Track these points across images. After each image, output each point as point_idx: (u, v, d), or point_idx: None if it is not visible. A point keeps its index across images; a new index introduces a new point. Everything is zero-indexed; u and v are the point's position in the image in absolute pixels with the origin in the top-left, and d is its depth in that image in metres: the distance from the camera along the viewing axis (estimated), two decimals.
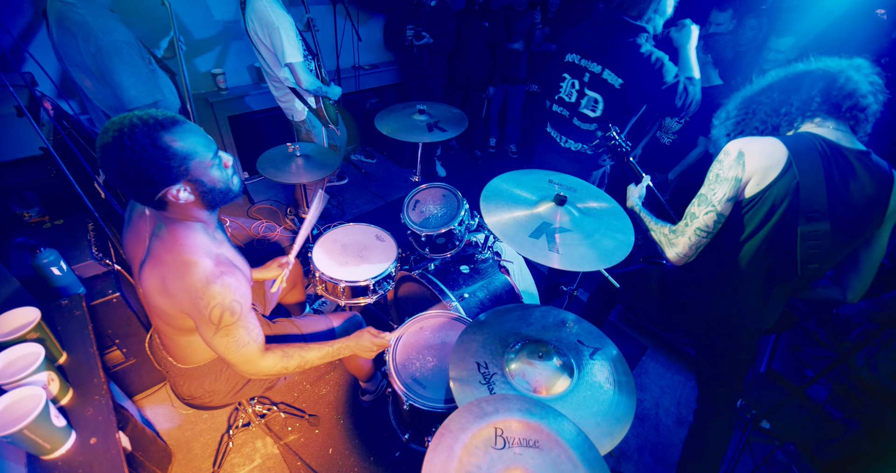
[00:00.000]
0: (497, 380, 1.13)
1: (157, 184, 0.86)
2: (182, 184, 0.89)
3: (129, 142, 0.81)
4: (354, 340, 1.28)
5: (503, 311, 1.35)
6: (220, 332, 0.98)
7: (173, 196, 0.89)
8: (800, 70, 1.13)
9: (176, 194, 0.89)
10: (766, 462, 1.88)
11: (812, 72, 1.10)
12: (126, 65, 1.45)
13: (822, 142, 1.04)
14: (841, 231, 1.04)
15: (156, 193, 0.88)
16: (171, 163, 0.85)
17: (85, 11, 1.43)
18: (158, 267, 0.93)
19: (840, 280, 1.21)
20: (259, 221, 3.08)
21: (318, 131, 2.68)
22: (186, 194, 0.90)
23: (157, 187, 0.87)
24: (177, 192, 0.89)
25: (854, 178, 1.02)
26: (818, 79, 1.08)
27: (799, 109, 1.11)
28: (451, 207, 1.94)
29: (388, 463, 1.75)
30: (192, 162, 0.89)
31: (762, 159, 1.05)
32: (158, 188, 0.87)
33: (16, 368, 1.03)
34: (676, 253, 1.24)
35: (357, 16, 3.50)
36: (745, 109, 1.20)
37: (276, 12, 2.12)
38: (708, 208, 1.14)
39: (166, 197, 0.89)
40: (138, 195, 0.89)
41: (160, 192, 0.88)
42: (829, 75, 1.07)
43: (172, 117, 0.88)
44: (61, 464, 1.00)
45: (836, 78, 1.06)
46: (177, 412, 1.86)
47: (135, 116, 0.84)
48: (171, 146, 0.85)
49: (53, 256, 1.44)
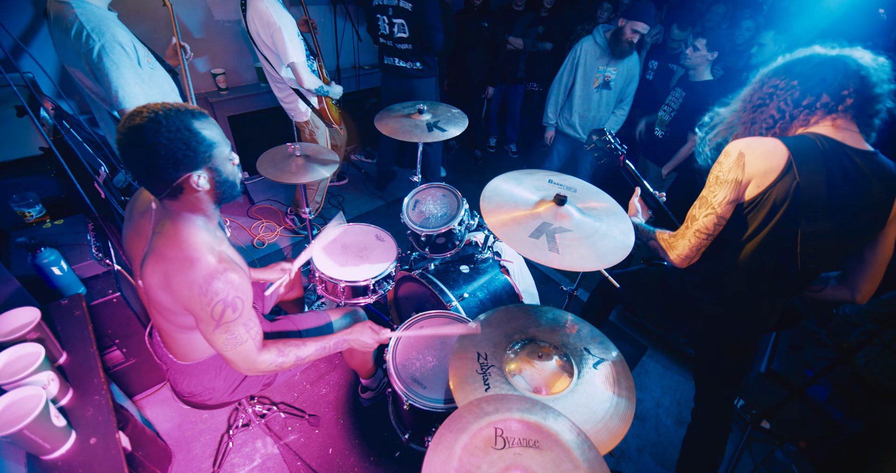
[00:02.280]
0: (493, 373, 1.14)
1: (183, 167, 0.90)
2: (203, 170, 0.93)
3: (165, 123, 0.86)
4: (355, 335, 1.28)
5: (516, 309, 1.36)
6: (221, 328, 0.99)
7: (194, 182, 0.92)
8: (829, 57, 1.03)
9: (196, 180, 0.92)
10: (765, 462, 1.88)
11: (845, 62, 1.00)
12: (119, 65, 1.44)
13: (826, 141, 1.02)
14: (842, 231, 1.04)
15: (178, 177, 0.90)
16: (200, 147, 0.91)
17: (80, 11, 1.42)
18: (161, 263, 0.94)
19: (848, 282, 1.20)
20: (259, 221, 3.08)
21: (322, 132, 2.68)
22: (205, 181, 0.94)
23: (182, 170, 0.90)
24: (197, 178, 0.92)
25: (858, 178, 1.01)
26: (851, 74, 0.99)
27: (825, 106, 1.03)
28: (451, 207, 1.94)
29: (388, 463, 1.75)
30: (215, 150, 0.94)
31: (762, 161, 1.04)
32: (182, 172, 0.90)
33: (16, 368, 1.03)
34: (677, 255, 1.23)
35: (357, 16, 3.51)
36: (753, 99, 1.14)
37: (277, 12, 2.12)
38: (708, 211, 1.13)
39: (186, 183, 0.92)
40: (159, 178, 0.90)
41: (182, 176, 0.90)
42: (863, 71, 0.99)
43: (200, 109, 0.94)
44: (61, 464, 1.00)
45: (869, 76, 0.99)
46: (177, 412, 1.85)
47: (167, 104, 0.89)
48: (200, 132, 0.91)
49: (54, 256, 1.44)
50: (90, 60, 1.43)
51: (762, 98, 1.12)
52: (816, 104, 1.04)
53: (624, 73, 2.65)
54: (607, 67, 2.64)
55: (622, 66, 2.63)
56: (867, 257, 1.13)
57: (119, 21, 1.53)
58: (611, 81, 2.68)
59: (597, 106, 2.79)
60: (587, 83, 2.73)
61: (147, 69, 1.56)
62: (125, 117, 0.87)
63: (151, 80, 1.57)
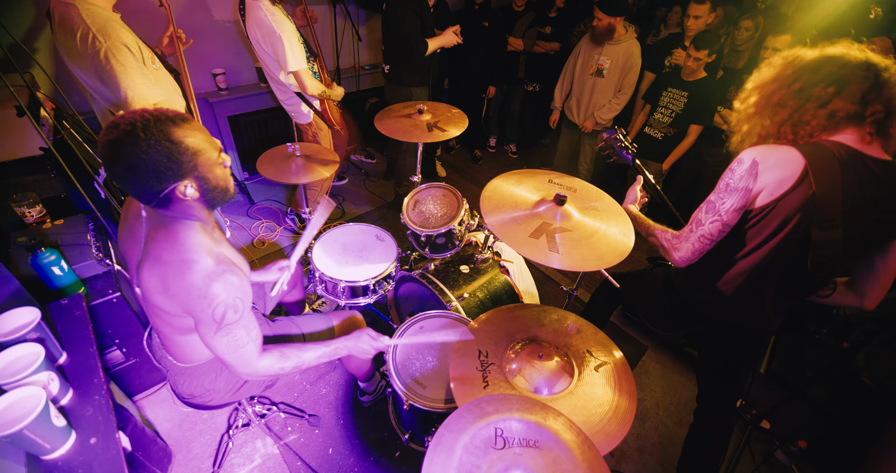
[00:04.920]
0: (494, 372, 1.14)
1: (167, 179, 0.86)
2: (190, 180, 0.89)
3: (143, 135, 0.81)
4: (353, 341, 1.27)
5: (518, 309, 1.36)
6: (222, 331, 0.98)
7: (180, 193, 0.89)
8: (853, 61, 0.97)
9: (183, 191, 0.89)
10: (765, 462, 1.88)
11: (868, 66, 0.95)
12: (124, 67, 1.45)
13: (843, 149, 0.99)
14: (854, 240, 1.02)
15: (163, 189, 0.87)
16: (184, 157, 0.86)
17: (85, 13, 1.42)
18: (158, 267, 0.92)
19: (857, 288, 1.19)
20: (259, 221, 3.08)
21: (326, 134, 2.67)
22: (192, 190, 0.91)
23: (167, 182, 0.86)
24: (184, 188, 0.89)
25: (873, 187, 0.99)
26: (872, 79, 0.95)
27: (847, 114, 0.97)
28: (451, 207, 1.94)
29: (388, 463, 1.75)
30: (201, 158, 0.90)
31: (777, 171, 1.01)
32: (167, 184, 0.87)
33: (16, 368, 1.03)
34: (679, 257, 1.22)
35: (357, 16, 3.51)
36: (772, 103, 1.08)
37: (277, 20, 2.09)
38: (714, 217, 1.12)
39: (173, 193, 0.89)
40: (144, 191, 0.87)
41: (168, 188, 0.87)
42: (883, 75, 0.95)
43: (182, 114, 0.89)
44: (61, 464, 1.00)
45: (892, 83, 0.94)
46: (177, 412, 1.85)
47: (146, 112, 0.84)
48: (183, 141, 0.86)
49: (54, 256, 1.44)
50: (96, 61, 1.43)
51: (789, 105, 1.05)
52: (841, 113, 0.99)
53: (619, 62, 2.71)
54: (601, 56, 2.75)
55: (614, 54, 2.70)
56: (877, 265, 1.11)
57: (122, 22, 1.54)
58: (603, 69, 2.77)
59: (590, 92, 2.89)
60: (584, 70, 2.88)
61: (151, 70, 1.57)
62: (103, 130, 0.83)
63: (157, 80, 1.58)
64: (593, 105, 2.91)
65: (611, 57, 2.71)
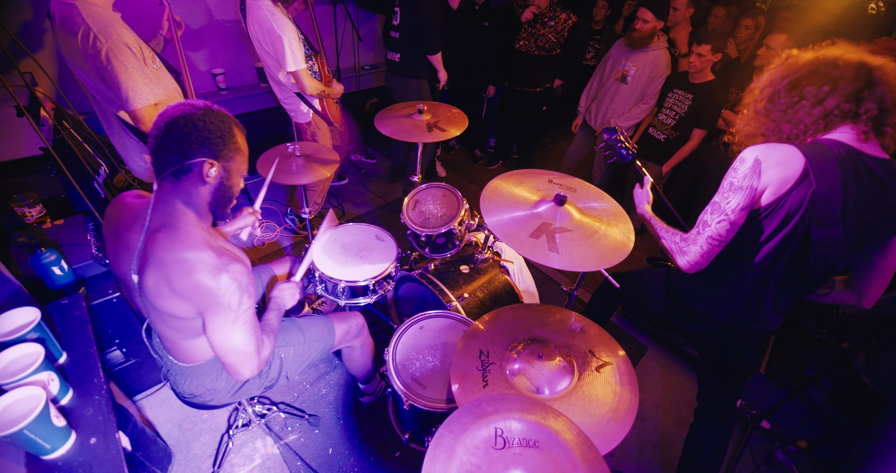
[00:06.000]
0: (494, 372, 1.14)
1: (206, 150, 0.96)
2: (220, 163, 0.99)
3: (214, 110, 0.97)
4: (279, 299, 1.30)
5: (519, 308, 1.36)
6: (241, 319, 0.99)
7: (206, 170, 0.97)
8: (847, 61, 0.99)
9: (208, 170, 0.97)
10: (766, 462, 1.88)
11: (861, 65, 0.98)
12: (125, 66, 1.45)
13: (842, 148, 1.00)
14: (852, 239, 1.03)
15: (196, 157, 0.95)
16: (230, 145, 1.00)
17: (86, 13, 1.43)
18: (160, 269, 0.92)
19: (855, 286, 1.19)
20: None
21: (324, 133, 2.67)
22: (214, 173, 0.98)
23: (204, 152, 0.95)
24: (210, 166, 0.97)
25: (872, 186, 1.00)
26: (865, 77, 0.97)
27: (844, 112, 1.00)
28: (451, 207, 1.94)
29: (388, 463, 1.75)
30: (238, 157, 1.03)
31: (779, 170, 1.02)
32: (202, 155, 0.96)
33: (16, 368, 1.03)
34: (687, 261, 1.21)
35: (357, 16, 3.50)
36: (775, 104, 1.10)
37: (277, 20, 2.09)
38: (721, 217, 1.11)
39: (200, 167, 0.96)
40: (178, 152, 0.94)
41: (199, 158, 0.96)
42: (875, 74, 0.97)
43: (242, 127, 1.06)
44: (61, 464, 1.00)
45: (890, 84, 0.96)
46: (177, 412, 1.85)
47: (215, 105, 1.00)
48: (236, 136, 1.02)
49: (54, 256, 1.44)
50: (98, 61, 1.44)
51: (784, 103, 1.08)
52: (836, 111, 1.01)
53: (645, 70, 2.65)
54: (628, 61, 2.69)
55: (642, 62, 2.63)
56: (876, 263, 1.12)
57: (123, 22, 1.54)
58: (628, 75, 2.70)
59: (612, 97, 2.83)
60: (610, 74, 2.83)
61: (152, 69, 1.57)
62: (176, 105, 0.95)
63: (157, 79, 1.58)
64: (612, 111, 2.85)
65: (637, 64, 2.64)
